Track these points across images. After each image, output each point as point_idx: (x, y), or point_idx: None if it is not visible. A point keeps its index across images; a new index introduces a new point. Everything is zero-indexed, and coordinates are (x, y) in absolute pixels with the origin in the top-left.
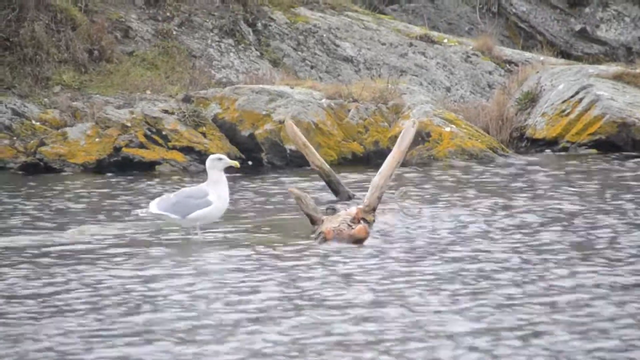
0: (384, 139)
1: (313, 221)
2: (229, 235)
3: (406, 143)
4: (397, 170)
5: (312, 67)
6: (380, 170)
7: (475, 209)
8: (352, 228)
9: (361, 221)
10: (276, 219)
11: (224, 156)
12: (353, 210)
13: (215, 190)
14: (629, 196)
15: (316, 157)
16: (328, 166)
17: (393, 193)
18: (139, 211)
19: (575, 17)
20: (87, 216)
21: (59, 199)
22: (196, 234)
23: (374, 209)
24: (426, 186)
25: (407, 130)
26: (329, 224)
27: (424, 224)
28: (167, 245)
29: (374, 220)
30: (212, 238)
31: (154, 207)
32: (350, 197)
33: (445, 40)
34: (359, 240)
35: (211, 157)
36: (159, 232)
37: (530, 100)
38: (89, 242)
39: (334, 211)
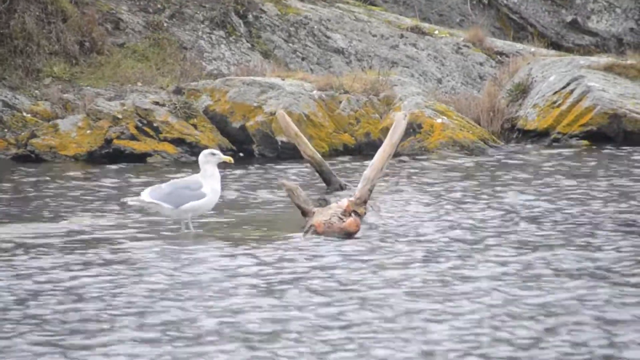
0: (375, 130)
1: (304, 213)
2: (218, 227)
3: (397, 135)
4: (388, 162)
5: (303, 59)
6: (371, 162)
7: (465, 200)
8: (343, 221)
9: (352, 214)
10: (266, 211)
11: (217, 151)
12: (344, 202)
13: (209, 183)
14: (609, 187)
15: (308, 147)
16: (320, 156)
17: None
18: (128, 199)
19: (567, 8)
20: (78, 207)
21: (50, 189)
22: (187, 225)
23: (365, 202)
24: (416, 177)
25: (398, 123)
26: (320, 216)
27: (413, 216)
28: (157, 236)
29: (365, 213)
30: (201, 230)
31: (147, 195)
32: (342, 187)
33: (436, 32)
34: (349, 234)
35: (204, 152)
36: (149, 223)
37: (522, 91)
38: (80, 232)
39: (326, 203)
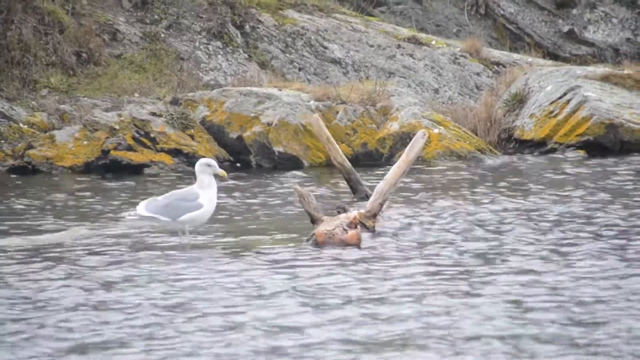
0: (372, 140)
1: (313, 220)
2: (215, 237)
3: (414, 153)
4: (402, 178)
5: (300, 69)
6: (385, 177)
7: (461, 210)
8: (346, 232)
9: (358, 226)
10: (263, 221)
11: (213, 162)
12: (353, 214)
13: (205, 193)
14: (600, 198)
15: (339, 154)
16: (349, 164)
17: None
18: (126, 214)
19: (563, 18)
20: (75, 218)
21: (47, 200)
22: (184, 236)
23: (374, 215)
24: (414, 188)
25: (416, 141)
26: (325, 226)
27: (410, 225)
28: (153, 247)
29: (373, 227)
30: (199, 241)
31: (143, 209)
32: (367, 197)
33: (433, 42)
34: (349, 247)
35: (202, 161)
36: (146, 233)
37: (519, 101)
38: (77, 243)
39: (344, 211)
